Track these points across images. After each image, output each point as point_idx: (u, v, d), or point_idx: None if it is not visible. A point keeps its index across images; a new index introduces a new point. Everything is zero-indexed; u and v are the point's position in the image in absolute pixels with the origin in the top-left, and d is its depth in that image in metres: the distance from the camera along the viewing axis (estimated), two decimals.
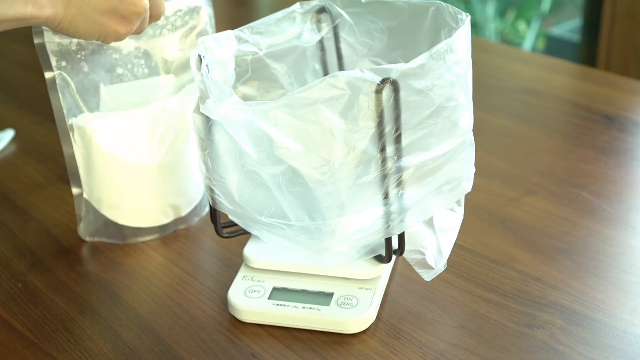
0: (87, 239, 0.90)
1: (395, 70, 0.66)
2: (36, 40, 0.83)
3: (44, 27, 0.83)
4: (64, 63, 0.84)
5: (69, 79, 0.84)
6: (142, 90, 0.88)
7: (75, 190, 0.89)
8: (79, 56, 0.85)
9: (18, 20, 0.72)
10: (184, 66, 0.90)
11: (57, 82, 0.84)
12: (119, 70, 0.87)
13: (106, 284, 0.84)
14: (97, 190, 0.88)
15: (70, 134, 0.86)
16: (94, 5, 0.75)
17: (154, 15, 0.80)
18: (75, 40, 0.84)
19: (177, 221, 0.92)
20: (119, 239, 0.90)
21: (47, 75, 0.84)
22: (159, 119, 0.88)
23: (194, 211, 0.93)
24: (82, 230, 0.90)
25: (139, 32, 0.80)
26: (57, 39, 0.83)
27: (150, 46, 0.88)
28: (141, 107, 0.87)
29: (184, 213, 0.92)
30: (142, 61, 0.88)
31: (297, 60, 0.86)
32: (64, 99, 0.85)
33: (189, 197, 0.93)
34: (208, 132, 0.73)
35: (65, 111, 0.85)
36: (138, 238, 0.90)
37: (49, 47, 0.83)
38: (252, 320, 0.76)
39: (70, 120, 0.86)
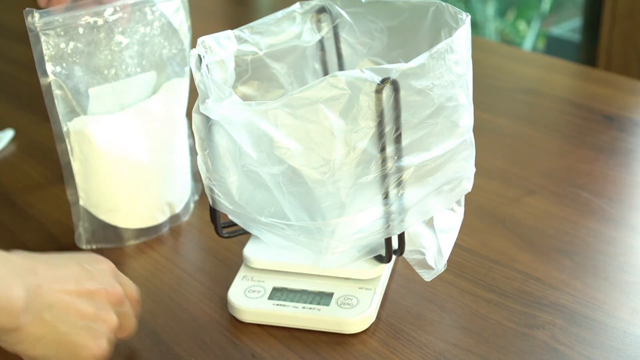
0: (85, 247, 0.89)
1: (395, 70, 0.66)
2: (34, 45, 0.81)
3: (41, 32, 0.81)
4: (59, 68, 0.83)
5: (64, 84, 0.83)
6: (128, 90, 0.88)
7: (71, 199, 0.88)
8: (73, 59, 0.84)
9: None
10: (163, 62, 0.90)
11: (53, 88, 0.83)
12: (113, 71, 0.87)
13: None
14: (95, 194, 0.88)
15: (67, 139, 0.85)
16: (68, 321, 0.64)
17: (123, 328, 0.70)
18: (71, 44, 0.83)
19: (172, 218, 0.92)
20: (118, 243, 0.89)
21: (43, 81, 0.83)
22: (153, 116, 0.87)
23: (186, 207, 0.94)
24: (80, 238, 0.89)
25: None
26: (54, 43, 0.82)
27: (141, 44, 0.88)
28: (132, 107, 0.87)
29: (178, 210, 0.92)
30: (135, 60, 0.88)
31: (297, 60, 0.86)
32: (60, 104, 0.84)
33: (183, 192, 0.93)
34: (208, 132, 0.73)
35: (61, 117, 0.84)
36: (136, 239, 0.90)
37: (46, 53, 0.82)
38: (252, 321, 0.76)
39: (67, 125, 0.85)
